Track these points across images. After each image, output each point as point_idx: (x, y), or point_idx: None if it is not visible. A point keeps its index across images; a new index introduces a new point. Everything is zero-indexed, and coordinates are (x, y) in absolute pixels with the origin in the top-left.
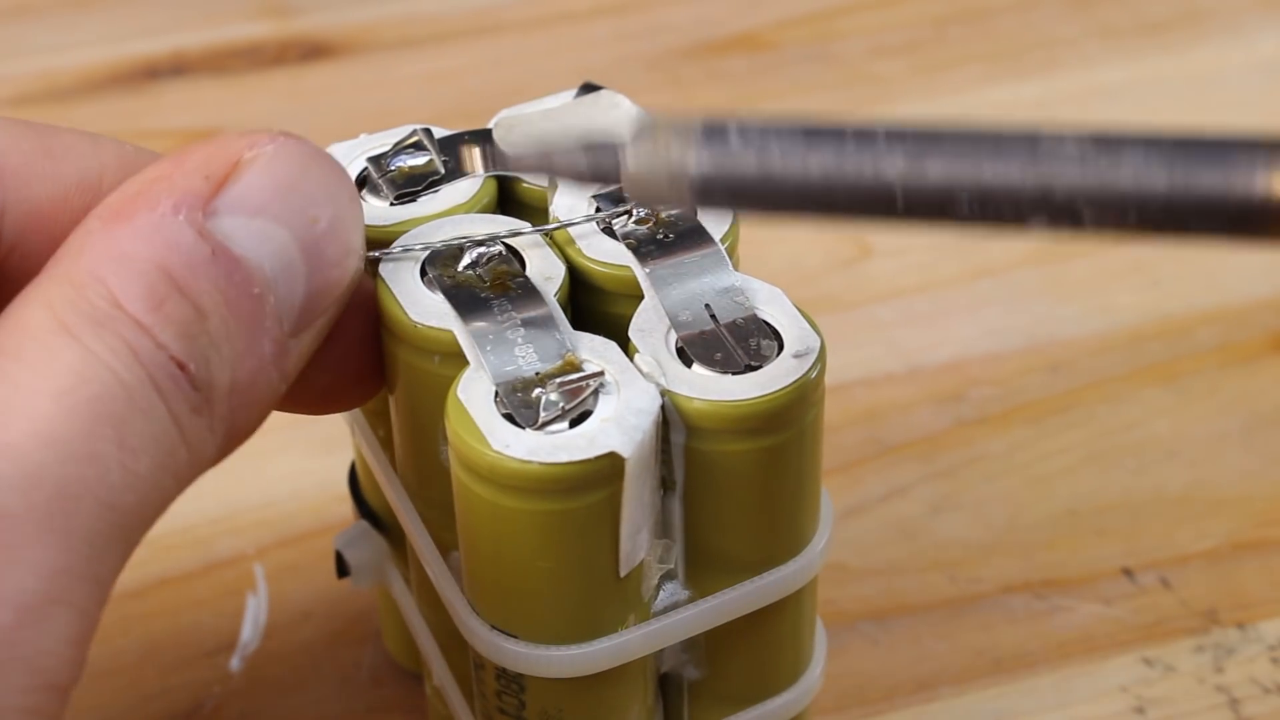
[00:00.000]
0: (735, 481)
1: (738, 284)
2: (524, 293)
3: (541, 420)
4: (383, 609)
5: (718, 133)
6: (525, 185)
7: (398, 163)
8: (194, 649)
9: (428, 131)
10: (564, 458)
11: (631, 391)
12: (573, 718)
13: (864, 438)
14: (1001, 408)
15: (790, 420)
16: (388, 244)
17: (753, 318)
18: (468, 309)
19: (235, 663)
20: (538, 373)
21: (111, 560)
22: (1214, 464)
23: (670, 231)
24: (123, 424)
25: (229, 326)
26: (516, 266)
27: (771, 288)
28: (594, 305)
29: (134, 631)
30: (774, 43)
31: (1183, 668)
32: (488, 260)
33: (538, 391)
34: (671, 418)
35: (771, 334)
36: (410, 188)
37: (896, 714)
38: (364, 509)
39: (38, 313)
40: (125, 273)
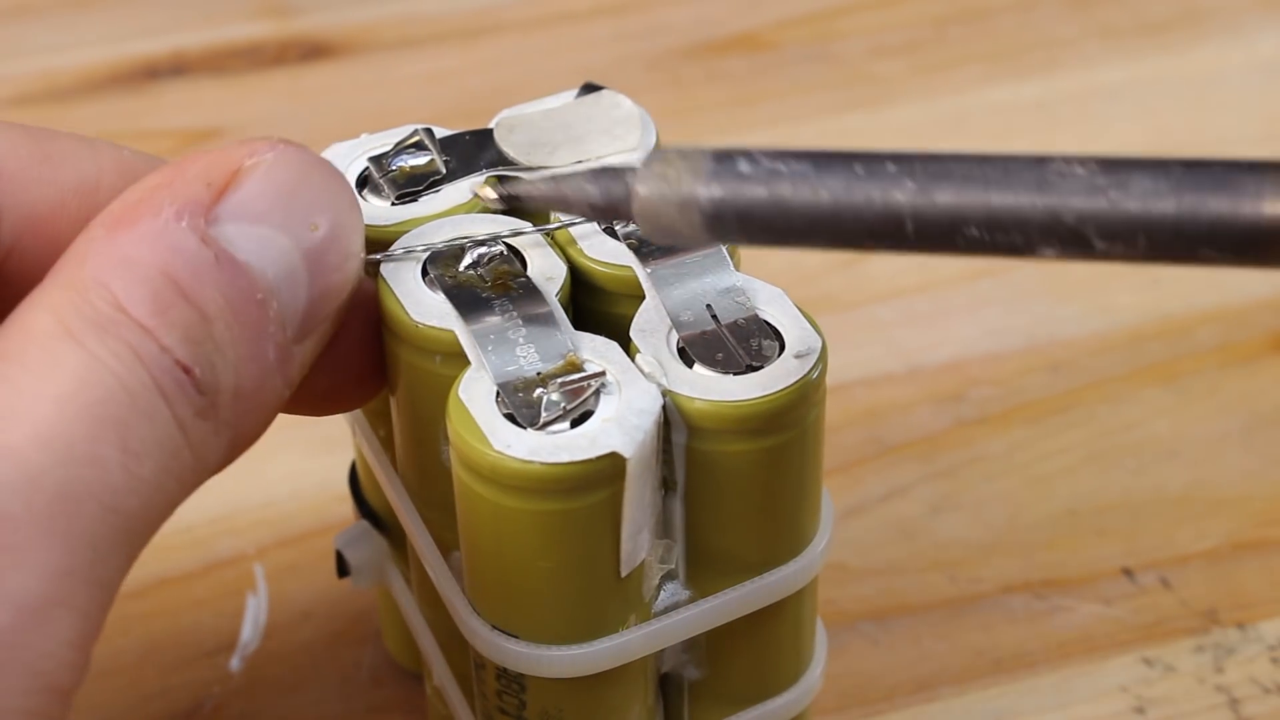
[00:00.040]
0: (736, 482)
1: (739, 284)
2: (525, 293)
3: (543, 420)
4: (383, 609)
5: (727, 162)
6: None
7: (399, 163)
8: (194, 649)
9: (429, 131)
10: (565, 458)
11: (633, 392)
12: (573, 718)
13: (864, 438)
14: (1001, 408)
15: (791, 420)
16: (389, 244)
17: (754, 318)
18: (469, 309)
19: (235, 663)
20: (539, 373)
21: (115, 563)
22: (1214, 464)
23: None
24: (126, 427)
25: (233, 331)
26: (518, 266)
27: (772, 288)
28: (595, 305)
29: (134, 631)
30: (774, 43)
31: (1183, 668)
32: (489, 260)
33: (539, 391)
34: (673, 418)
35: (773, 334)
36: (411, 188)
37: (896, 714)
38: (364, 509)
39: (41, 318)
40: (129, 278)
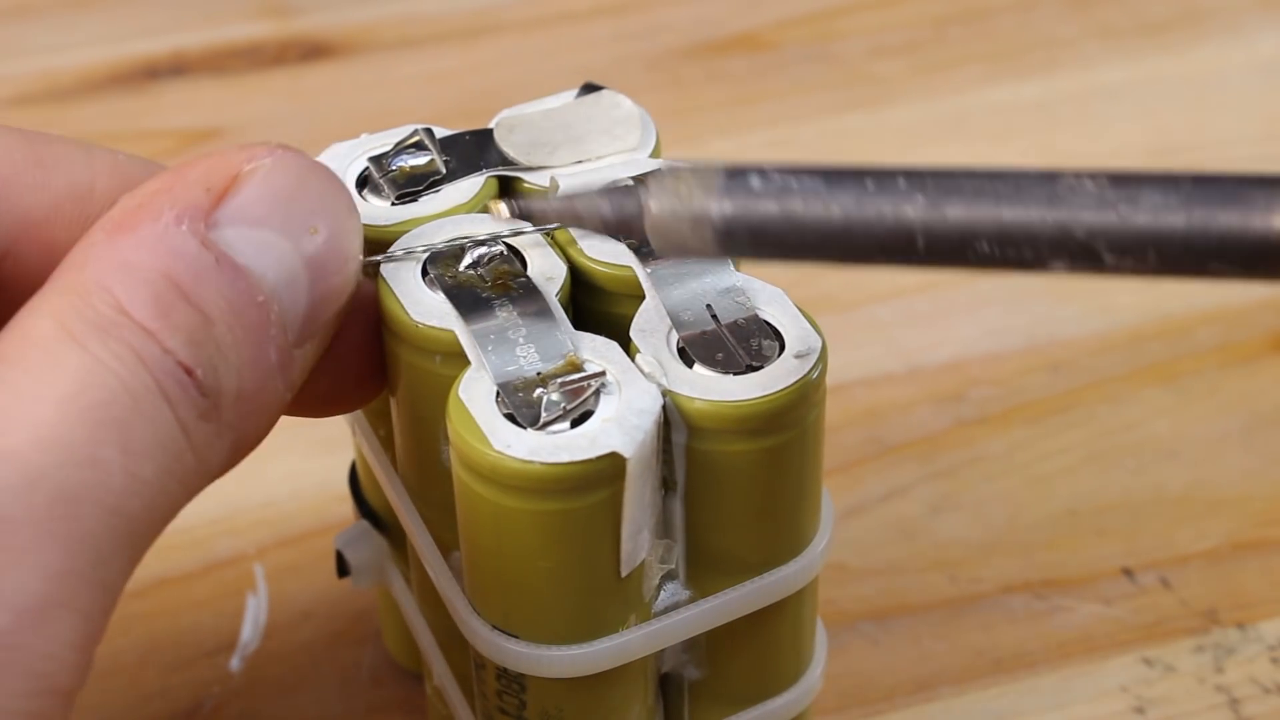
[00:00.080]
0: (736, 482)
1: (739, 284)
2: (525, 293)
3: (543, 420)
4: (383, 609)
5: (739, 178)
6: (527, 185)
7: (399, 162)
8: (194, 649)
9: (429, 131)
10: (565, 458)
11: (633, 391)
12: (573, 718)
13: (864, 438)
14: (1001, 408)
15: (791, 421)
16: (389, 244)
17: (754, 318)
18: (469, 309)
19: (235, 663)
20: (539, 373)
21: (117, 565)
22: (1214, 464)
23: None
24: (127, 429)
25: (235, 334)
26: (518, 266)
27: (773, 288)
28: (595, 305)
29: (134, 631)
30: (774, 43)
31: (1183, 668)
32: (489, 260)
33: (539, 391)
34: (673, 418)
35: (773, 334)
36: (411, 187)
37: (896, 714)
38: (364, 509)
39: (42, 322)
40: (131, 281)
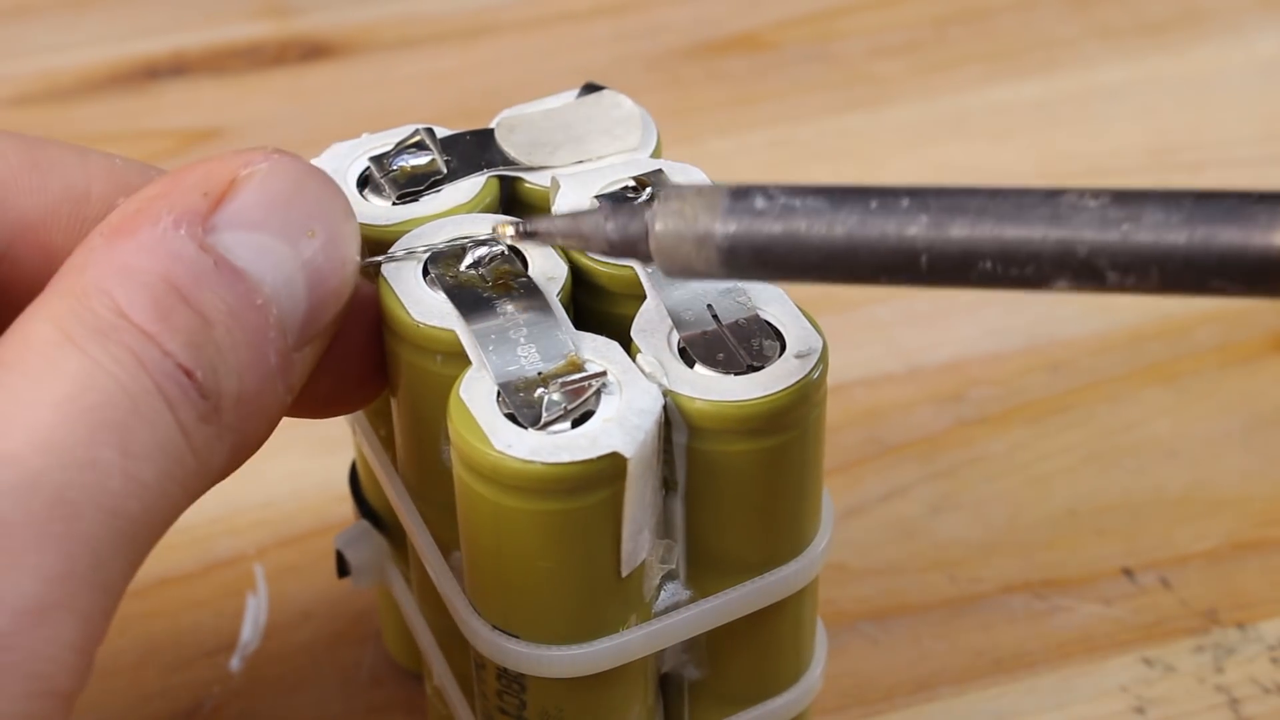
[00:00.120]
0: (737, 482)
1: (740, 284)
2: (526, 292)
3: (544, 420)
4: (383, 609)
5: (743, 199)
6: (528, 185)
7: (400, 162)
8: (194, 649)
9: (430, 131)
10: (566, 458)
11: (634, 391)
12: (573, 718)
13: (864, 438)
14: (1001, 408)
15: (792, 421)
16: (390, 244)
17: (755, 318)
18: (470, 309)
19: (235, 663)
20: (540, 373)
21: (117, 567)
22: (1214, 464)
23: None
24: (126, 431)
25: (234, 336)
26: (519, 266)
27: (773, 288)
28: (596, 305)
29: (134, 631)
30: (774, 43)
31: (1183, 668)
32: (490, 260)
33: (540, 391)
34: (673, 418)
35: (773, 334)
36: (412, 187)
37: (896, 714)
38: (364, 509)
39: (41, 327)
40: (130, 284)
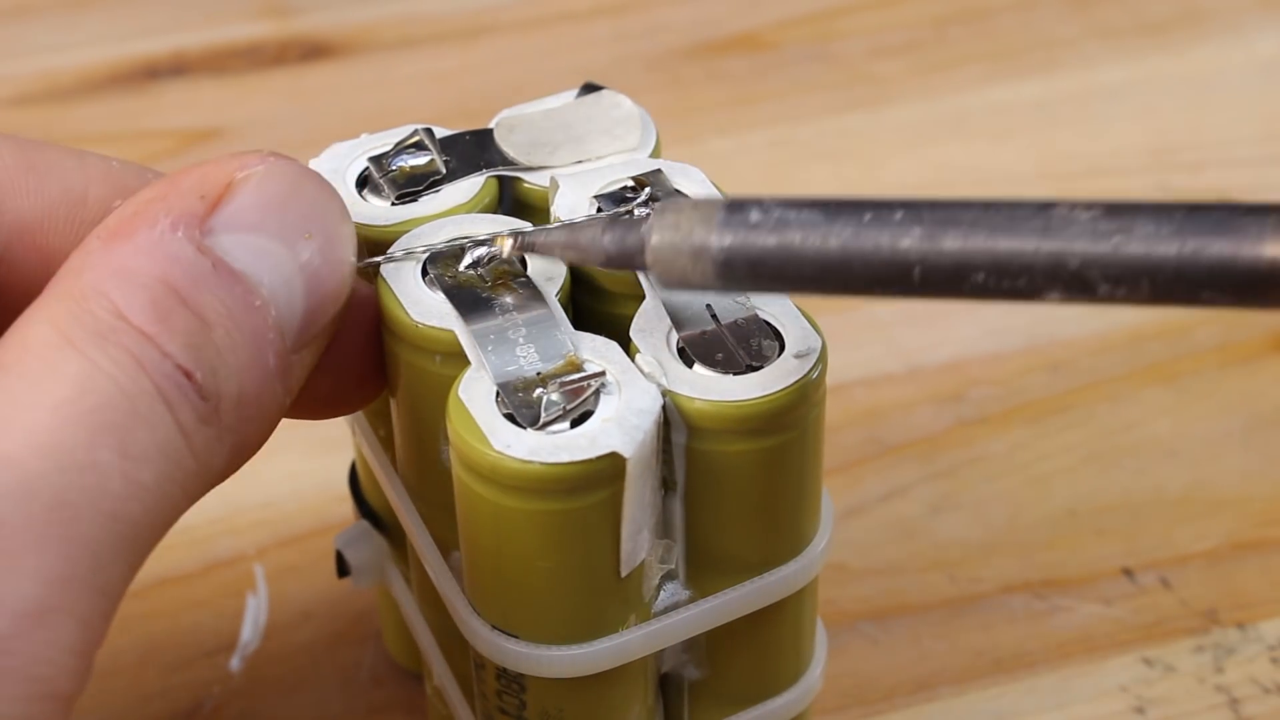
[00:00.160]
0: (736, 482)
1: None
2: (525, 293)
3: (543, 420)
4: (383, 609)
5: (738, 212)
6: (527, 185)
7: (399, 162)
8: (194, 649)
9: (429, 131)
10: (565, 458)
11: (633, 391)
12: (573, 718)
13: (864, 438)
14: (1001, 408)
15: (791, 420)
16: (389, 244)
17: (754, 318)
18: (469, 309)
19: (235, 663)
20: (539, 373)
21: (117, 570)
22: (1214, 464)
23: None
24: (125, 433)
25: (233, 337)
26: (518, 266)
27: None
28: (595, 305)
29: (134, 631)
30: (774, 43)
31: (1183, 668)
32: (489, 260)
33: (539, 391)
34: (673, 418)
35: (773, 334)
36: (411, 187)
37: (896, 714)
38: (364, 509)
39: (40, 330)
40: (129, 287)
